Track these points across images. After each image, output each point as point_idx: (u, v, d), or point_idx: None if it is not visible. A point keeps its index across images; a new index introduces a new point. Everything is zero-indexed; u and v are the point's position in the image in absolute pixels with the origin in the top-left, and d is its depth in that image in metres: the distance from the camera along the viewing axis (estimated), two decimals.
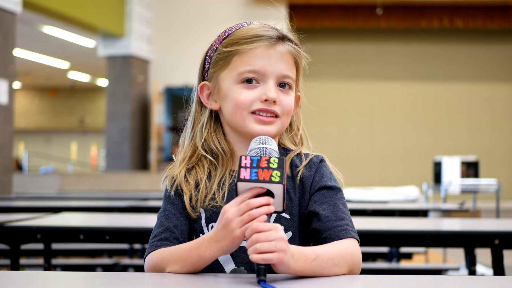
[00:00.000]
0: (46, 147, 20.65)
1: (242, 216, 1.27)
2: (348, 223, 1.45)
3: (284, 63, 1.51)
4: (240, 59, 1.51)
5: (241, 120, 1.50)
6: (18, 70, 14.17)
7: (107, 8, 10.19)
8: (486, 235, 2.30)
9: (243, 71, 1.50)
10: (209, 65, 1.57)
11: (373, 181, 11.36)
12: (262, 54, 1.50)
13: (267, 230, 1.25)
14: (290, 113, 1.53)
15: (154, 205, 4.17)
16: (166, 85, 11.23)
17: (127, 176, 9.76)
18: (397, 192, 7.16)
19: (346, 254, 1.36)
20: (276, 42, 1.52)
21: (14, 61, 7.00)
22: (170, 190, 1.54)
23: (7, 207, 4.32)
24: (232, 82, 1.51)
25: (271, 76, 1.50)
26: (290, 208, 1.49)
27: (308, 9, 11.53)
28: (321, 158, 1.56)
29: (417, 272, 4.42)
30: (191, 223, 1.51)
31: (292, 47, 1.54)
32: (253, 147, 1.36)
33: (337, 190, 1.50)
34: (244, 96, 1.49)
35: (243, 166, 1.29)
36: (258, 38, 1.51)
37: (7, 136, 6.83)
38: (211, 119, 1.57)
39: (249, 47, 1.50)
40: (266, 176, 1.28)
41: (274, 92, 1.48)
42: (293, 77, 1.53)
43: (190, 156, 1.56)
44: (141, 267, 4.30)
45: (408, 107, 12.51)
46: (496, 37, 12.39)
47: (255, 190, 1.29)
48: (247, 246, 1.26)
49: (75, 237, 2.40)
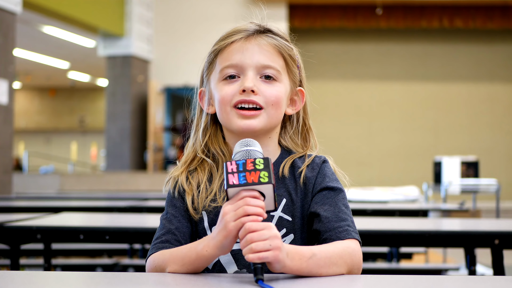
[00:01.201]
0: (46, 147, 20.65)
1: (237, 211, 1.27)
2: (350, 224, 1.44)
3: (264, 54, 1.51)
4: (220, 57, 1.53)
5: (226, 116, 1.50)
6: (18, 70, 14.18)
7: (107, 8, 10.19)
8: (486, 235, 2.30)
9: (223, 67, 1.51)
10: (204, 71, 1.60)
11: (373, 181, 11.36)
12: (238, 47, 1.51)
13: (260, 229, 1.25)
14: (277, 105, 1.50)
15: (154, 205, 4.17)
16: (166, 85, 11.23)
17: (127, 176, 9.77)
18: (397, 192, 7.16)
19: (345, 253, 1.35)
20: (253, 35, 1.52)
21: (14, 61, 6.99)
22: (173, 191, 1.54)
23: (7, 207, 4.32)
24: (216, 81, 1.53)
25: (249, 68, 1.49)
26: (292, 210, 1.49)
27: (308, 9, 11.53)
28: (324, 159, 1.55)
29: (417, 272, 4.42)
30: (194, 225, 1.51)
31: (273, 38, 1.54)
32: (237, 150, 1.36)
33: (339, 191, 1.49)
34: (225, 91, 1.50)
35: (230, 172, 1.29)
36: (235, 32, 1.53)
37: (7, 136, 6.83)
38: (211, 124, 1.58)
39: (225, 42, 1.52)
40: (254, 178, 1.28)
41: (250, 82, 1.48)
42: (276, 67, 1.51)
43: (192, 159, 1.57)
44: (141, 267, 4.30)
45: (408, 107, 12.51)
46: (496, 37, 12.39)
47: (251, 192, 1.29)
48: (241, 246, 1.26)
49: (75, 237, 2.40)
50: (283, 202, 1.49)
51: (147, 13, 11.14)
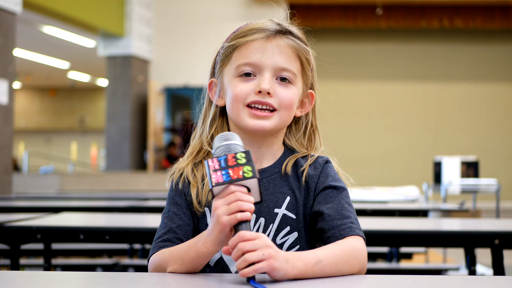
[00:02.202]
0: (46, 147, 20.65)
1: (230, 205, 1.27)
2: (353, 221, 1.44)
3: (282, 56, 1.50)
4: (238, 53, 1.51)
5: (237, 113, 1.50)
6: (18, 70, 14.17)
7: (107, 8, 10.19)
8: (486, 235, 2.29)
9: (240, 64, 1.50)
10: (217, 62, 1.58)
11: (373, 181, 11.35)
12: (258, 46, 1.50)
13: (253, 238, 1.24)
14: (290, 108, 1.50)
15: (154, 205, 4.17)
16: (166, 85, 11.23)
17: (127, 176, 9.77)
18: (397, 192, 7.15)
19: (351, 257, 1.35)
20: (274, 35, 1.51)
21: (14, 61, 7.00)
22: (177, 184, 1.52)
23: (7, 207, 4.32)
24: (231, 76, 1.52)
25: (267, 68, 1.49)
26: (296, 208, 1.49)
27: (308, 9, 11.53)
28: (327, 160, 1.55)
29: (417, 272, 4.42)
30: (196, 221, 1.50)
31: (293, 41, 1.53)
32: (217, 145, 1.35)
33: (341, 189, 1.49)
34: (239, 88, 1.49)
35: (212, 169, 1.28)
36: (256, 30, 1.51)
37: (7, 136, 6.83)
38: (219, 116, 1.58)
39: (246, 39, 1.51)
40: (238, 174, 1.27)
41: (267, 84, 1.47)
42: (293, 70, 1.51)
43: (198, 151, 1.56)
44: (141, 267, 4.30)
45: (408, 107, 12.52)
46: (496, 37, 12.40)
47: (240, 188, 1.29)
48: (233, 256, 1.25)
49: (75, 237, 2.40)
50: (287, 200, 1.49)
51: (147, 13, 11.14)
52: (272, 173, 1.52)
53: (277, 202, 1.49)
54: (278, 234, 1.47)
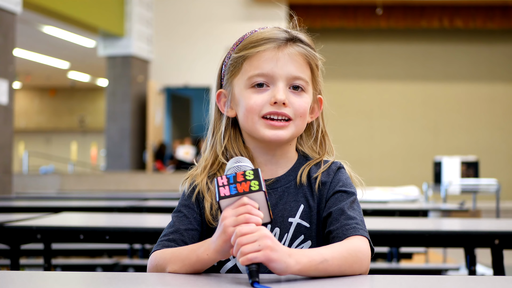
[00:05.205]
0: (46, 147, 20.66)
1: (238, 217, 1.27)
2: (358, 222, 1.44)
3: (294, 65, 1.49)
4: (249, 63, 1.50)
5: (252, 125, 1.49)
6: (18, 70, 14.17)
7: (107, 8, 10.19)
8: (486, 235, 2.29)
9: (252, 75, 1.49)
10: (225, 73, 1.56)
11: (373, 181, 11.35)
12: (270, 56, 1.49)
13: (250, 232, 1.25)
14: (304, 116, 1.51)
15: (154, 205, 4.18)
16: (166, 85, 11.24)
17: (127, 176, 9.77)
18: (397, 192, 7.16)
19: (355, 260, 1.35)
20: (284, 44, 1.50)
21: (14, 61, 7.00)
22: (191, 195, 1.52)
23: (7, 207, 4.32)
24: (243, 87, 1.50)
25: (280, 78, 1.48)
26: (310, 216, 1.49)
27: (308, 9, 11.54)
28: (340, 165, 1.55)
29: (417, 272, 4.42)
30: (208, 232, 1.49)
31: (303, 48, 1.52)
32: (229, 167, 1.37)
33: (351, 194, 1.50)
34: (254, 100, 1.48)
35: (220, 185, 1.30)
36: (266, 40, 1.50)
37: (7, 136, 6.83)
38: (230, 126, 1.56)
39: (256, 50, 1.49)
40: (245, 188, 1.29)
41: (283, 94, 1.46)
42: (305, 78, 1.51)
43: (211, 164, 1.55)
44: (141, 267, 4.30)
45: (408, 107, 12.52)
46: (496, 37, 12.40)
47: (251, 201, 1.29)
48: (234, 252, 1.26)
49: (75, 237, 2.40)
50: (301, 208, 1.49)
51: (147, 13, 11.14)
52: (287, 181, 1.52)
53: (291, 211, 1.49)
54: (293, 243, 1.47)
